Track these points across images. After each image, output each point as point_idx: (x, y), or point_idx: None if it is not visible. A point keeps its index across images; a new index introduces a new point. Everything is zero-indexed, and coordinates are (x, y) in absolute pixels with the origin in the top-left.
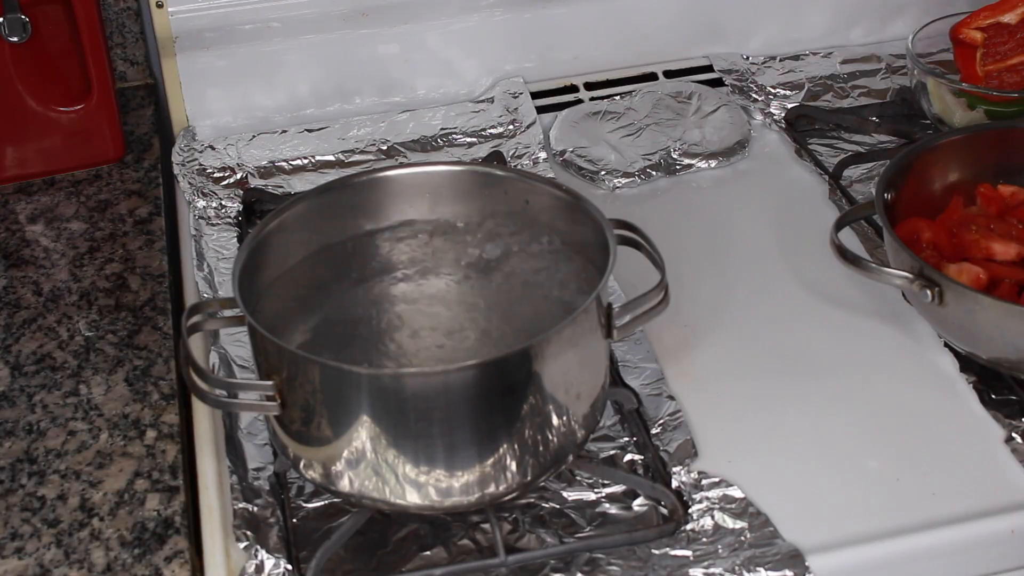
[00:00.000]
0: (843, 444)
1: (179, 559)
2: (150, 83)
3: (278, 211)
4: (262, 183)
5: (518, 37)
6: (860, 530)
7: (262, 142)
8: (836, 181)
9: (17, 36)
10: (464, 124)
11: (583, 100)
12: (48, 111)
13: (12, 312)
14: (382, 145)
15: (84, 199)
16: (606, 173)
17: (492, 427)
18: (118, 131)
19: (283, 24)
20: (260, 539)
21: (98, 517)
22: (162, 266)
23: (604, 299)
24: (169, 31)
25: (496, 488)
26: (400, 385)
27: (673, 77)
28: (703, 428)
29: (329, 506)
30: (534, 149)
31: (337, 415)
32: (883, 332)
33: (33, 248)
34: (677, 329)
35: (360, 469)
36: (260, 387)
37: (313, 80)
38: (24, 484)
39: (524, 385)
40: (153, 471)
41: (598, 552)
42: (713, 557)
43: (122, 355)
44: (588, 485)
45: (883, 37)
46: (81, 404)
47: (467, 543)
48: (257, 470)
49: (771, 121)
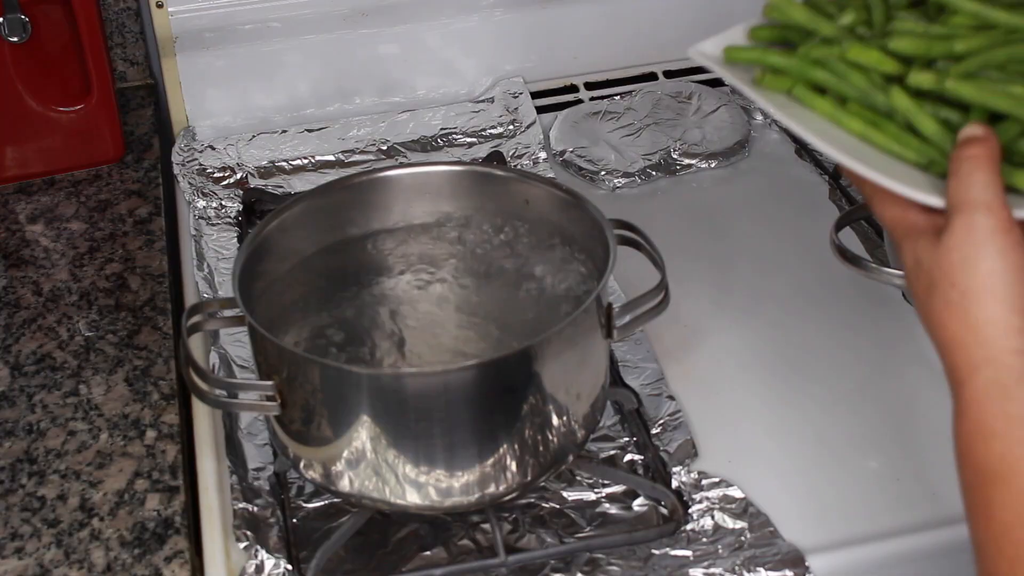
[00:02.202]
0: (843, 444)
1: (179, 559)
2: (150, 83)
3: (278, 211)
4: (262, 183)
5: (518, 37)
6: (860, 530)
7: (262, 142)
8: (836, 181)
9: (17, 36)
10: (464, 124)
11: (583, 100)
12: (48, 111)
13: (12, 312)
14: (382, 145)
15: (84, 199)
16: (606, 173)
17: (492, 427)
18: (118, 131)
19: (283, 24)
20: (260, 539)
21: (98, 517)
22: (162, 266)
23: (604, 299)
24: (169, 31)
25: (496, 488)
26: (400, 385)
27: (673, 77)
28: (703, 428)
29: (329, 506)
30: (534, 149)
31: (337, 415)
32: (883, 332)
33: (33, 248)
34: (677, 329)
35: (360, 469)
36: (260, 387)
37: (313, 80)
38: (24, 484)
39: (524, 385)
40: (153, 471)
41: (598, 552)
42: (713, 557)
43: (122, 355)
44: (588, 485)
45: None
46: (81, 404)
47: (467, 543)
48: (257, 470)
49: (771, 121)
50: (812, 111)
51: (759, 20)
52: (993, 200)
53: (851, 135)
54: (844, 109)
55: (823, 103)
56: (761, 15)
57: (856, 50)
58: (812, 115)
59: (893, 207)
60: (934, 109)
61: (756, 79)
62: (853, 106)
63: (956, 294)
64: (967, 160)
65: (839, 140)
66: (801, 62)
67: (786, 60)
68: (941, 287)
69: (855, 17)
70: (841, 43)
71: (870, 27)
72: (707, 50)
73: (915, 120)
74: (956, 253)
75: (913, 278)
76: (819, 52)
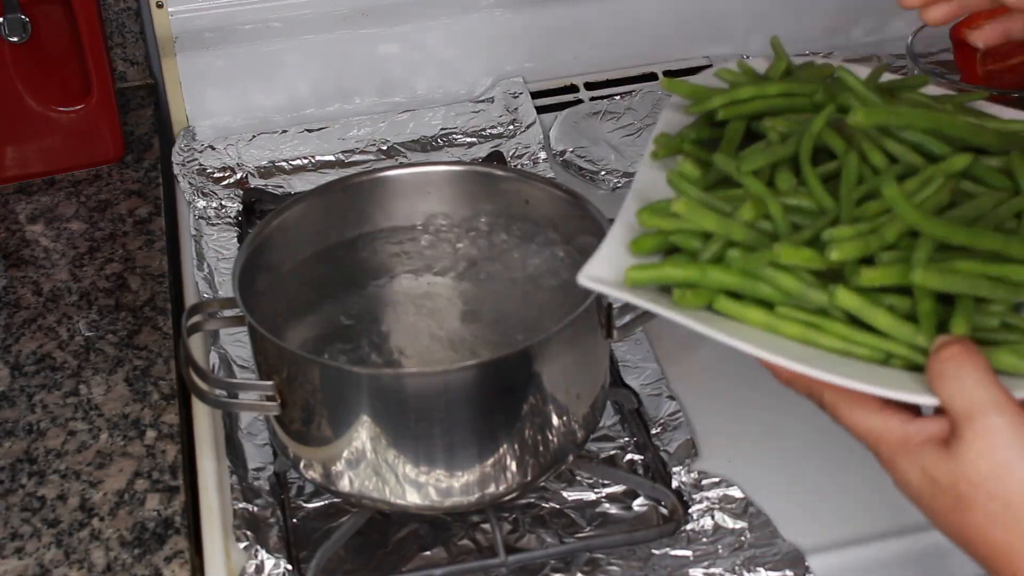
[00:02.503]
0: (843, 444)
1: (179, 559)
2: (150, 83)
3: (278, 211)
4: (262, 183)
5: (518, 37)
6: (860, 530)
7: (262, 142)
8: None
9: (17, 36)
10: (464, 124)
11: (583, 100)
12: (48, 111)
13: (12, 312)
14: (382, 145)
15: (84, 199)
16: (606, 173)
17: (492, 427)
18: (118, 131)
19: (283, 24)
20: (260, 539)
21: (98, 517)
22: (162, 266)
23: (604, 299)
24: (169, 31)
25: (496, 488)
26: (400, 385)
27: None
28: (703, 428)
29: (329, 506)
30: (534, 149)
31: (337, 415)
32: None
33: (33, 248)
34: (677, 329)
35: (360, 469)
36: (260, 387)
37: (313, 80)
38: (24, 484)
39: (524, 385)
40: (153, 471)
41: (598, 552)
42: (713, 557)
43: (122, 355)
44: (588, 485)
45: (883, 37)
46: (81, 404)
47: (467, 543)
48: (257, 470)
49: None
50: (741, 322)
51: (631, 225)
52: (998, 396)
53: (791, 341)
54: (776, 315)
55: (755, 313)
56: (637, 224)
57: (788, 252)
58: (742, 326)
59: (869, 417)
60: (876, 300)
61: (675, 299)
62: (785, 310)
63: (998, 506)
64: (950, 361)
65: (798, 353)
66: (722, 272)
67: (700, 273)
68: (978, 501)
69: (755, 212)
70: (762, 247)
71: (768, 218)
72: (599, 273)
73: (867, 317)
74: (985, 463)
75: (929, 496)
76: (752, 262)
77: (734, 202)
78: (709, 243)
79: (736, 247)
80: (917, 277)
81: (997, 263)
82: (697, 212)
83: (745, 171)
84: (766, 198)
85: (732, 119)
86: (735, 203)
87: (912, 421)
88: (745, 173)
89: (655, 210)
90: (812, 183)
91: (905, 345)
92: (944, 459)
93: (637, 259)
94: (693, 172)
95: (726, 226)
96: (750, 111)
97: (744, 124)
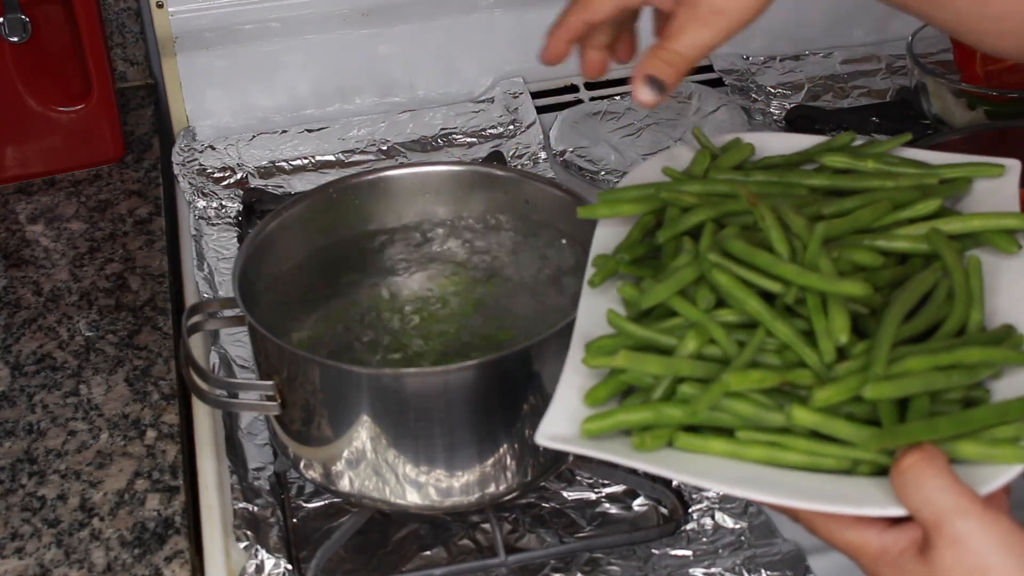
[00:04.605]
0: None
1: (179, 559)
2: (150, 83)
3: (278, 211)
4: (262, 183)
5: (518, 37)
6: None
7: (262, 142)
8: None
9: (17, 36)
10: (464, 124)
11: (583, 100)
12: (48, 111)
13: (12, 312)
14: (382, 145)
15: (84, 199)
16: (606, 173)
17: (492, 427)
18: (118, 131)
19: (283, 24)
20: (260, 539)
21: (98, 517)
22: (162, 266)
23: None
24: (169, 31)
25: (496, 488)
26: (400, 385)
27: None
28: None
29: (329, 506)
30: (534, 149)
31: (337, 415)
32: None
33: (33, 248)
34: None
35: (360, 469)
36: (260, 387)
37: (313, 80)
38: (24, 484)
39: (524, 385)
40: (153, 471)
41: (598, 552)
42: (713, 557)
43: (122, 355)
44: (588, 485)
45: (883, 37)
46: (81, 404)
47: (467, 543)
48: (257, 470)
49: (771, 121)
50: (703, 454)
51: (580, 368)
52: (959, 501)
53: (757, 464)
54: (737, 442)
55: (717, 443)
56: (582, 362)
57: (738, 379)
58: (706, 458)
59: (844, 532)
60: (834, 411)
61: (635, 445)
62: (746, 434)
63: None
64: (910, 471)
65: (765, 477)
66: (676, 409)
67: (655, 413)
68: None
69: (698, 342)
70: (712, 374)
71: (713, 342)
72: (556, 431)
73: (827, 430)
74: (959, 569)
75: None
76: (703, 400)
77: (676, 331)
78: (659, 380)
79: (686, 381)
80: (868, 392)
81: (946, 351)
82: (639, 361)
83: (674, 299)
84: (707, 324)
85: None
86: (678, 331)
87: (888, 531)
88: (676, 300)
89: (600, 349)
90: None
91: (869, 449)
92: (922, 568)
93: (592, 408)
94: (632, 297)
95: (671, 366)
96: (683, 229)
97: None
